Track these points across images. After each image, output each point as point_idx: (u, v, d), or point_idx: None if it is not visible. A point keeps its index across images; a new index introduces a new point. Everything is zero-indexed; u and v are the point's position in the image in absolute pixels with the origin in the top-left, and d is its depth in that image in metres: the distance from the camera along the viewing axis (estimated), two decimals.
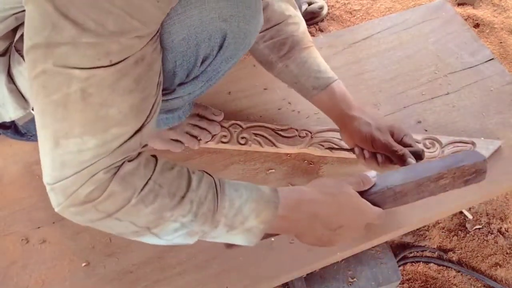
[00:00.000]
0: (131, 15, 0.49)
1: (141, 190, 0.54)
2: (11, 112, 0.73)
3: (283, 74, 0.88)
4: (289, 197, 0.62)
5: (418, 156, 0.76)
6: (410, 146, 0.77)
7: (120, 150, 0.53)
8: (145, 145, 0.58)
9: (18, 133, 0.81)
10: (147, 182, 0.54)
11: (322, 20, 1.57)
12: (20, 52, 0.69)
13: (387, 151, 0.77)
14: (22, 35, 0.68)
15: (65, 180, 0.52)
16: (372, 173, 0.70)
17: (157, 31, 0.58)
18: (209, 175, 0.60)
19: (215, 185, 0.59)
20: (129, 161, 0.54)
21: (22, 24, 0.68)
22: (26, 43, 0.51)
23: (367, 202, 0.67)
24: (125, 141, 0.53)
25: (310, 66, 0.85)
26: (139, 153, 0.56)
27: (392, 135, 0.78)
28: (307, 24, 0.92)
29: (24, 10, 0.65)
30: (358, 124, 0.80)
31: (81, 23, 0.48)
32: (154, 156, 0.58)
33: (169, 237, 0.58)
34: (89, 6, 0.48)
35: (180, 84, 0.75)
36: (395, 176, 0.69)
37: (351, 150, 0.85)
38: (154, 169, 0.56)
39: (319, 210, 0.63)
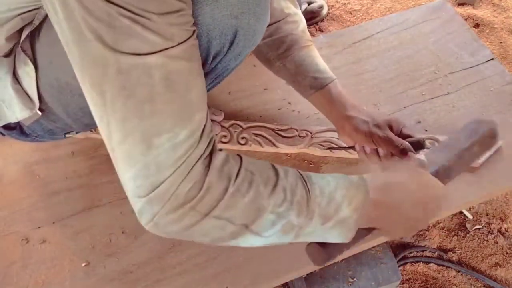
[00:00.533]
0: None
1: (236, 178, 0.52)
2: (17, 113, 0.73)
3: (281, 72, 0.89)
4: (377, 180, 0.60)
5: (420, 145, 0.77)
6: (409, 136, 0.78)
7: (204, 135, 0.51)
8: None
9: (23, 134, 0.81)
10: (239, 170, 0.53)
11: (322, 20, 1.57)
12: (26, 53, 0.69)
13: (388, 146, 0.77)
14: (27, 35, 0.68)
15: (163, 184, 0.49)
16: (422, 156, 0.71)
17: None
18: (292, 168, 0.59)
19: (301, 175, 0.57)
20: (216, 151, 0.53)
21: (27, 24, 0.68)
22: (84, 48, 0.47)
23: (437, 179, 0.67)
24: (205, 125, 0.52)
25: (308, 65, 0.85)
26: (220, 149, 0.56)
27: (391, 129, 0.79)
28: (307, 24, 0.92)
29: (30, 11, 0.65)
30: (356, 123, 0.80)
31: (135, 11, 0.46)
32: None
33: (267, 233, 0.54)
34: None
35: None
36: (436, 154, 0.72)
37: (352, 148, 0.85)
38: (241, 159, 0.55)
39: (406, 193, 0.62)
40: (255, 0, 0.66)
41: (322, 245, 0.61)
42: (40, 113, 0.74)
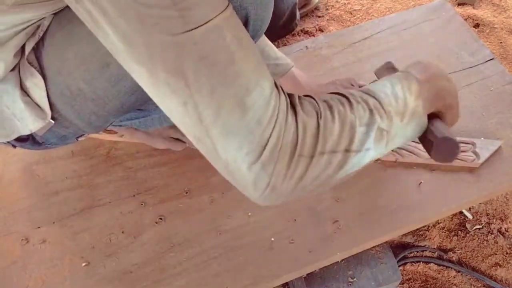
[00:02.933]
0: None
1: (319, 111, 0.54)
2: (30, 125, 0.73)
3: None
4: (414, 67, 0.66)
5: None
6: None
7: (277, 87, 0.53)
8: None
9: (36, 143, 0.81)
10: (317, 104, 0.55)
11: (316, 8, 1.56)
12: (32, 64, 0.68)
13: None
14: (33, 48, 0.68)
15: (270, 140, 0.49)
16: None
17: None
18: None
19: (359, 90, 0.61)
20: (289, 95, 0.54)
21: (30, 37, 0.68)
22: (152, 37, 0.45)
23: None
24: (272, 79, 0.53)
25: (268, 53, 0.88)
26: None
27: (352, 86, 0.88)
28: (300, 14, 0.93)
29: (33, 23, 0.65)
30: (327, 88, 0.90)
31: None
32: None
33: (365, 146, 0.57)
34: None
35: None
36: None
37: None
38: (304, 95, 0.57)
39: (434, 67, 0.67)
40: None
41: (448, 137, 0.64)
42: (53, 122, 0.73)
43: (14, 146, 0.81)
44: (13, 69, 0.70)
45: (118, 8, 0.45)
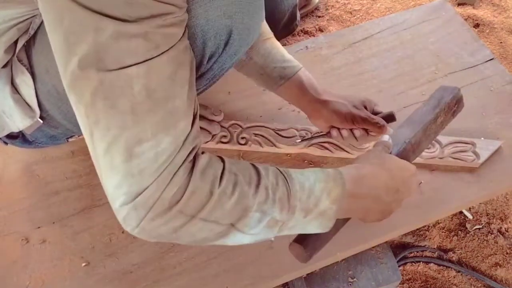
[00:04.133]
0: (163, 1, 0.48)
1: (220, 181, 0.53)
2: (18, 122, 0.73)
3: (247, 67, 0.89)
4: (350, 173, 0.63)
5: (393, 118, 0.83)
6: (380, 113, 0.84)
7: (188, 141, 0.52)
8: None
9: (26, 141, 0.81)
10: (223, 172, 0.54)
11: (316, 8, 1.56)
12: (22, 62, 0.69)
13: (368, 124, 0.81)
14: (24, 45, 0.68)
15: (146, 191, 0.50)
16: (385, 137, 0.74)
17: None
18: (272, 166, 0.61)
19: (281, 173, 0.59)
20: (199, 155, 0.54)
21: (22, 34, 0.68)
22: (71, 63, 0.48)
23: (403, 160, 0.70)
24: (190, 131, 0.53)
25: (275, 56, 0.86)
26: (202, 152, 0.56)
27: (366, 108, 0.83)
28: (301, 14, 0.91)
29: (25, 20, 0.65)
30: (334, 106, 0.83)
31: (120, 17, 0.46)
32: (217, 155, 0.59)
33: (253, 231, 0.56)
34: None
35: None
36: (403, 131, 0.75)
37: (327, 134, 0.87)
38: (224, 161, 0.56)
39: (378, 181, 0.65)
40: None
41: (303, 242, 0.63)
42: (41, 121, 0.74)
43: (6, 143, 0.81)
44: (5, 66, 0.70)
45: (55, 12, 0.48)
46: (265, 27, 0.89)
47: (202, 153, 0.55)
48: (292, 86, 0.86)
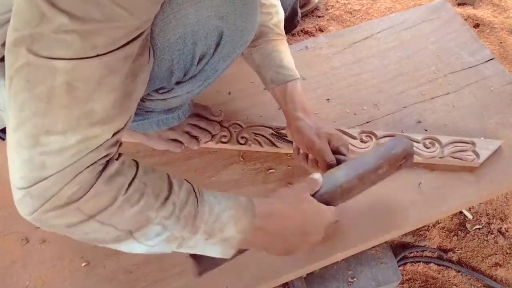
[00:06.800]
0: (118, 4, 0.47)
1: (127, 189, 0.53)
2: None
3: (248, 60, 0.91)
4: (262, 207, 0.63)
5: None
6: (344, 155, 0.80)
7: (104, 146, 0.52)
8: (121, 144, 0.57)
9: None
10: (132, 181, 0.54)
11: (316, 8, 1.56)
12: None
13: (319, 157, 0.80)
14: None
15: (44, 181, 0.49)
16: (317, 175, 0.73)
17: (146, 33, 0.56)
18: (188, 182, 0.60)
19: (195, 191, 0.59)
20: (112, 160, 0.53)
21: None
22: (11, 36, 0.48)
23: (322, 204, 0.69)
24: (107, 140, 0.52)
25: (273, 59, 0.87)
26: (119, 154, 0.56)
27: (329, 143, 0.80)
28: (301, 14, 0.91)
29: None
30: (300, 125, 0.83)
31: (69, 11, 0.46)
32: (133, 160, 0.58)
33: (149, 242, 0.57)
34: None
35: (178, 83, 0.75)
36: (338, 174, 0.73)
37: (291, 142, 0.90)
38: (137, 169, 0.56)
39: (288, 221, 0.65)
40: (242, 0, 0.65)
41: (198, 259, 0.64)
42: (6, 115, 0.74)
43: (3, 139, 0.81)
44: (2, 59, 0.70)
45: None
46: (277, 27, 0.89)
47: (118, 158, 0.55)
48: (278, 93, 0.87)
